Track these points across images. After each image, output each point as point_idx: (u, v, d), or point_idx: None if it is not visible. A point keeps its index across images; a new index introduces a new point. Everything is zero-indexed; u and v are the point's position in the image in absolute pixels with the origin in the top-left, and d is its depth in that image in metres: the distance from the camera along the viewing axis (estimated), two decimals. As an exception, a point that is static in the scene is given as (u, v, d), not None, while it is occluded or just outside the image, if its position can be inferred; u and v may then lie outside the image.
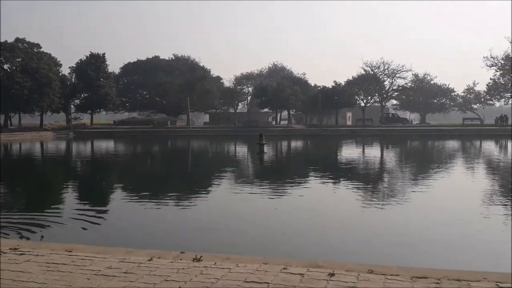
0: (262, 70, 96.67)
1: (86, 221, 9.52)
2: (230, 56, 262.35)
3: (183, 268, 4.75)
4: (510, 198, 12.46)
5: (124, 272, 4.62)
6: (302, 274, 4.42)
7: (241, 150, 36.43)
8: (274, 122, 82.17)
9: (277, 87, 71.36)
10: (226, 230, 8.98)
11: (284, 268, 4.61)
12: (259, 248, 7.53)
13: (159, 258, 5.20)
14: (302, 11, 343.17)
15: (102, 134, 60.93)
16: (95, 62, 71.07)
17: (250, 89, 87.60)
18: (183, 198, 12.95)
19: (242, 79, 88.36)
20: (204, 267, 4.79)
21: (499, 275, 4.52)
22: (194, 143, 45.30)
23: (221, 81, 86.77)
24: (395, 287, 4.03)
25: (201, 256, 5.18)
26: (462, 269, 5.05)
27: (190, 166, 25.08)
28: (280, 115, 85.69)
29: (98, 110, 76.92)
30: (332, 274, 4.37)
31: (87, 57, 71.87)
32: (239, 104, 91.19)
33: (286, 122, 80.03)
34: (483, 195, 12.94)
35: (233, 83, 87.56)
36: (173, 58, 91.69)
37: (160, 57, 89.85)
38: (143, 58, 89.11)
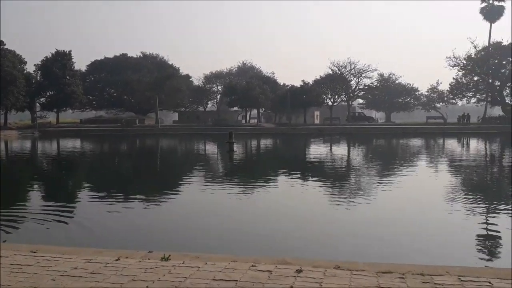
0: (232, 69, 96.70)
1: (52, 221, 9.33)
2: (199, 54, 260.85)
3: (151, 268, 4.73)
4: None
5: (91, 273, 4.57)
6: (270, 271, 4.47)
7: (211, 149, 36.32)
8: (243, 121, 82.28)
9: (247, 86, 71.52)
10: (195, 229, 8.96)
11: (253, 266, 4.65)
12: (228, 246, 7.55)
13: (127, 258, 5.15)
14: (271, 10, 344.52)
15: (68, 133, 59.64)
16: (60, 59, 69.47)
17: (219, 87, 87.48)
18: (152, 198, 12.83)
19: (212, 78, 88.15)
20: (173, 266, 4.78)
21: (462, 269, 4.67)
22: (163, 142, 44.89)
23: (190, 79, 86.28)
24: (360, 282, 4.12)
25: (169, 256, 5.16)
26: (425, 264, 5.20)
27: (159, 165, 24.85)
28: (250, 114, 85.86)
29: (64, 108, 75.23)
30: (299, 271, 4.44)
31: (52, 54, 70.18)
32: (209, 102, 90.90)
33: (255, 120, 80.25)
34: (446, 191, 13.32)
35: (203, 82, 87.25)
36: (141, 56, 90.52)
37: (128, 55, 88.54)
38: (111, 55, 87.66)
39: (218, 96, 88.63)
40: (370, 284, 4.07)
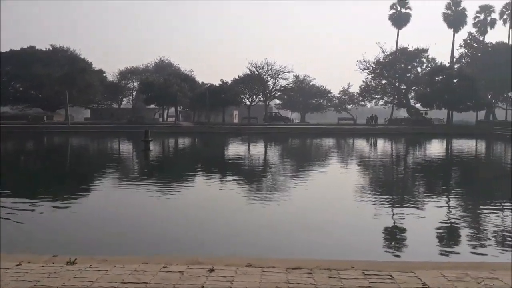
0: (148, 65, 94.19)
1: None
2: (114, 49, 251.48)
3: (55, 272, 4.48)
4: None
5: (-13, 281, 4.23)
6: (181, 271, 4.42)
7: (126, 148, 35.20)
8: (161, 119, 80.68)
9: (164, 83, 70.17)
10: (105, 231, 8.63)
11: (164, 267, 4.57)
12: (139, 248, 7.35)
13: (29, 262, 4.84)
14: (189, 8, 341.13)
15: (-34, 130, 54.71)
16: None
17: (135, 84, 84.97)
18: (59, 199, 12.15)
19: (127, 74, 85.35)
20: (79, 270, 4.56)
21: (366, 263, 4.92)
22: (74, 140, 42.73)
23: (104, 74, 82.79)
24: (271, 279, 4.21)
25: (75, 259, 4.92)
26: (333, 259, 5.43)
27: (68, 165, 23.62)
28: (167, 112, 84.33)
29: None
30: (211, 270, 4.44)
31: None
32: (124, 99, 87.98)
33: (173, 119, 79.03)
34: (355, 188, 14.01)
35: (117, 78, 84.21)
36: (51, 49, 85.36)
37: (36, 48, 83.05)
38: (17, 48, 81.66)
39: (134, 93, 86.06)
40: (280, 280, 4.17)
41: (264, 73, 79.86)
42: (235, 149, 33.06)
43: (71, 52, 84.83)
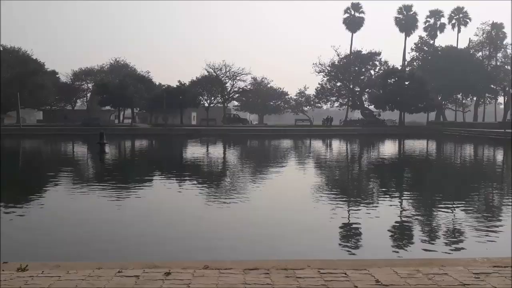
0: (103, 66, 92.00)
1: None
2: (67, 49, 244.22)
3: (5, 280, 4.31)
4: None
5: None
6: (137, 276, 4.36)
7: (80, 151, 34.26)
8: (117, 121, 79.02)
9: (120, 84, 68.79)
10: (58, 237, 8.38)
11: (119, 272, 4.49)
12: (93, 254, 7.18)
13: (-24, 271, 4.64)
14: (145, 8, 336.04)
15: None
16: None
17: (90, 85, 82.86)
18: (9, 205, 11.67)
19: (81, 75, 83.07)
20: (30, 277, 4.41)
21: (322, 262, 5.00)
22: (26, 143, 41.19)
23: (57, 75, 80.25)
24: (228, 281, 4.22)
25: (26, 266, 4.75)
26: (289, 259, 5.49)
27: (20, 169, 22.74)
28: (124, 114, 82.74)
29: None
30: (168, 273, 4.40)
31: None
32: (78, 101, 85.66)
33: (129, 120, 77.59)
34: (312, 189, 14.22)
35: (71, 79, 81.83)
36: (1, 49, 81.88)
37: (-17, 47, 79.50)
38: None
39: (89, 95, 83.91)
40: (237, 281, 4.19)
41: (222, 75, 79.78)
42: (193, 151, 32.84)
43: (22, 52, 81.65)
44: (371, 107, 77.17)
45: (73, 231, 8.74)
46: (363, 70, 78.69)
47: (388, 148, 38.29)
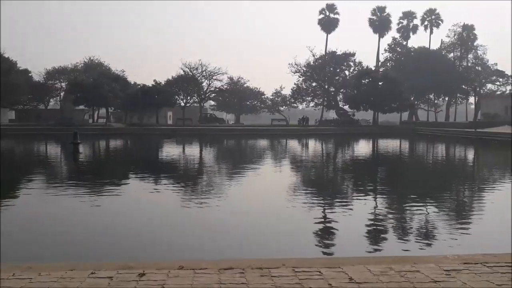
0: (77, 64, 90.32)
1: None
2: (40, 48, 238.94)
3: (-28, 284, 4.21)
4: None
5: None
6: (111, 277, 4.31)
7: (53, 151, 33.61)
8: (91, 120, 77.80)
9: (94, 83, 67.70)
10: (30, 238, 8.21)
11: (92, 273, 4.43)
12: (66, 255, 7.06)
13: None
14: (120, 7, 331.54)
15: None
16: None
17: (63, 84, 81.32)
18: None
19: (54, 73, 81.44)
20: (0, 279, 4.32)
21: (297, 261, 5.03)
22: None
23: (30, 74, 78.48)
24: (202, 281, 4.21)
25: (-4, 269, 4.64)
26: (265, 258, 5.51)
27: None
28: (98, 113, 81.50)
29: None
30: (142, 274, 4.36)
31: None
32: (51, 100, 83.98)
33: (104, 120, 76.47)
34: (289, 188, 14.30)
35: (44, 77, 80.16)
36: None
37: (-47, 46, 77.14)
38: None
39: (62, 94, 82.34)
40: (212, 281, 4.18)
41: (198, 74, 79.43)
42: (169, 151, 32.59)
43: (-6, 51, 79.46)
44: (346, 107, 77.98)
45: (45, 232, 8.58)
46: (338, 70, 79.44)
47: (363, 148, 38.78)
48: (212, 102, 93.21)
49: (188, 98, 79.37)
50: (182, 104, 78.27)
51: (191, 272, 4.45)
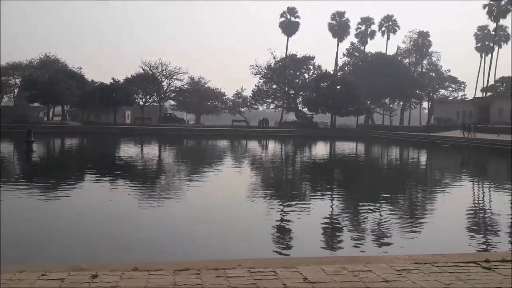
0: (33, 60, 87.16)
1: None
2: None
3: None
4: None
5: None
6: (62, 279, 4.20)
7: (6, 149, 32.28)
8: (46, 118, 75.32)
9: (50, 80, 65.57)
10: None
11: (43, 275, 4.30)
12: (16, 256, 6.81)
13: None
14: (79, 3, 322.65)
15: None
16: None
17: (18, 80, 78.39)
18: None
19: (8, 69, 78.39)
20: None
21: (253, 261, 5.04)
22: None
23: (-18, 70, 75.21)
24: (157, 282, 4.16)
25: None
26: (221, 259, 5.51)
27: None
28: (53, 111, 79.04)
29: None
30: (95, 276, 4.27)
31: None
32: (5, 97, 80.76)
33: (59, 118, 74.22)
34: (248, 188, 14.33)
35: (-4, 73, 76.99)
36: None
37: None
38: None
39: (16, 90, 79.35)
40: (167, 283, 4.15)
41: (158, 73, 78.37)
42: (126, 151, 32.00)
43: None
44: (305, 110, 78.89)
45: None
46: (298, 73, 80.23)
47: (320, 150, 39.39)
48: (172, 102, 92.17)
49: (148, 97, 78.19)
50: (141, 103, 77.04)
51: (145, 273, 4.39)
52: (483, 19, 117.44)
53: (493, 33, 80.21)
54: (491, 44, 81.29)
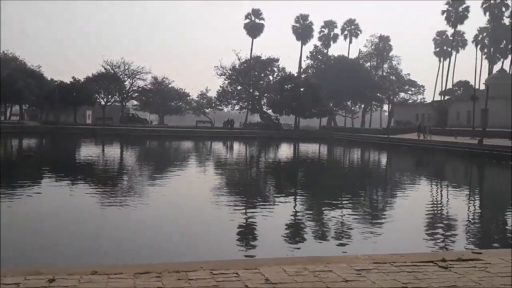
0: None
1: None
2: None
3: None
4: None
5: None
6: (18, 283, 4.07)
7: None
8: (2, 118, 72.65)
9: (7, 79, 63.28)
10: None
11: (-3, 280, 4.16)
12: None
13: None
14: (38, 2, 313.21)
15: None
16: None
17: (-29, 78, 75.21)
18: None
19: (-38, 66, 75.14)
20: None
21: (215, 263, 5.04)
22: None
23: None
24: (117, 285, 4.10)
25: None
26: (183, 261, 5.47)
27: None
28: (11, 110, 76.35)
29: None
30: (52, 280, 4.16)
31: None
32: (-42, 95, 77.38)
33: (17, 118, 71.81)
34: (212, 190, 14.28)
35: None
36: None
37: None
38: None
39: (-31, 89, 76.18)
40: (127, 286, 4.09)
41: (120, 73, 76.98)
42: (86, 152, 31.28)
43: None
44: (270, 111, 79.29)
45: None
46: (263, 75, 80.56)
47: (284, 151, 39.70)
48: (135, 102, 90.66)
49: (109, 96, 76.64)
50: (103, 103, 75.45)
51: (105, 277, 4.31)
52: (442, 25, 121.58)
53: (451, 38, 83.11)
54: (449, 49, 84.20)
